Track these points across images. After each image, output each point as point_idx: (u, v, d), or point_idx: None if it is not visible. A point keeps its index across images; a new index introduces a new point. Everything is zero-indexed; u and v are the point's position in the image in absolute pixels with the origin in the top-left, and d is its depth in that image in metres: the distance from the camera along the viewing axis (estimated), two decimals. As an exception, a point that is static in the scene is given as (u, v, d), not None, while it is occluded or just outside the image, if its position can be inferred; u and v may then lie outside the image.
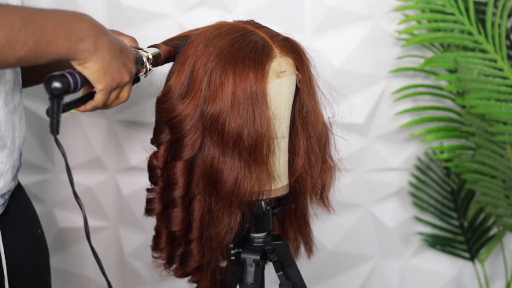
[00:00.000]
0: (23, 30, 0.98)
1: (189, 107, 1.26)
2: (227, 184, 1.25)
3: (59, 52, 1.05)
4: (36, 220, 1.46)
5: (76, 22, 1.07)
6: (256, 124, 1.23)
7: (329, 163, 1.42)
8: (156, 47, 1.37)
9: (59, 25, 1.03)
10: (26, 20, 0.98)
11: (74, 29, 1.06)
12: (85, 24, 1.09)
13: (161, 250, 1.42)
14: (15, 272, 1.32)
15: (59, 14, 1.06)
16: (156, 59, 1.34)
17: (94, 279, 2.31)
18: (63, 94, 1.09)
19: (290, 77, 1.28)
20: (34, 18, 1.00)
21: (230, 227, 1.31)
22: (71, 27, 1.05)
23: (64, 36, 1.04)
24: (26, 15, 0.99)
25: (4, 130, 1.24)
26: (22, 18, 0.98)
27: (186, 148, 1.28)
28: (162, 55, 1.35)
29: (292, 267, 1.47)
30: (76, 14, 1.09)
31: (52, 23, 1.02)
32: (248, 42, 1.25)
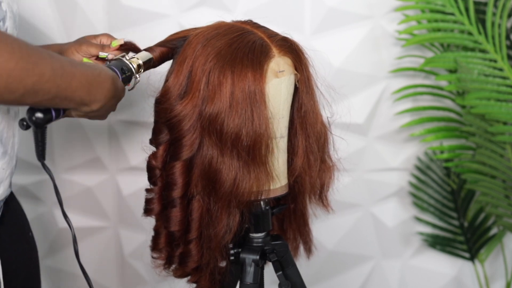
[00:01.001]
0: (50, 82, 1.01)
1: (188, 107, 1.26)
2: (226, 184, 1.26)
3: (68, 106, 1.11)
4: (27, 223, 1.47)
5: (96, 86, 1.12)
6: (255, 124, 1.23)
7: (328, 163, 1.42)
8: (150, 50, 1.39)
9: (82, 87, 1.08)
10: (56, 73, 1.02)
11: (92, 93, 1.11)
12: (104, 90, 1.14)
13: (160, 250, 1.42)
14: (10, 276, 1.33)
15: (87, 73, 1.10)
16: (147, 64, 1.38)
17: (94, 279, 2.31)
18: (45, 124, 1.13)
19: (289, 77, 1.28)
20: (63, 72, 1.04)
21: (229, 227, 1.31)
22: (90, 91, 1.11)
23: (80, 98, 1.10)
24: (57, 67, 1.02)
25: (6, 136, 1.26)
26: (53, 69, 1.01)
27: (185, 148, 1.28)
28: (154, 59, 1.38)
29: (291, 267, 1.47)
30: (101, 77, 1.14)
31: (76, 82, 1.07)
32: (247, 42, 1.26)
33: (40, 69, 0.98)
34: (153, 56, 1.39)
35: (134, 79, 1.34)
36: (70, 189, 2.21)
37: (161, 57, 1.40)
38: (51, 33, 2.04)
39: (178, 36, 1.41)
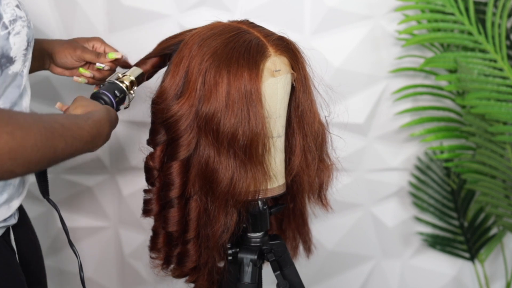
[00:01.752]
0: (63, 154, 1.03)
1: (184, 107, 1.26)
2: (223, 184, 1.26)
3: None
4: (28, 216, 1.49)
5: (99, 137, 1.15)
6: (251, 123, 1.23)
7: (327, 162, 1.42)
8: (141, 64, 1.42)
9: (85, 144, 1.10)
10: (67, 144, 1.03)
11: (95, 142, 1.14)
12: (103, 136, 1.17)
13: (159, 250, 1.43)
14: (26, 266, 1.37)
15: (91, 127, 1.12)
16: (139, 79, 1.41)
17: (94, 279, 2.31)
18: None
19: (285, 76, 1.28)
20: (74, 139, 1.05)
21: (226, 226, 1.31)
22: (94, 142, 1.13)
23: (85, 151, 1.12)
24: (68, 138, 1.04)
25: None
26: (66, 142, 1.03)
27: (182, 148, 1.28)
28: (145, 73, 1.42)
29: (289, 266, 1.47)
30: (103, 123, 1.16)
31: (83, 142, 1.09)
32: (242, 42, 1.26)
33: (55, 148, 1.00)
34: (145, 70, 1.43)
35: (128, 98, 1.38)
36: (70, 189, 2.21)
37: (153, 69, 1.43)
38: (51, 33, 2.05)
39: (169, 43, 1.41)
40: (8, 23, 1.16)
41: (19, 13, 1.19)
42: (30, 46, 1.24)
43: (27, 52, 1.23)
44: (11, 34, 1.17)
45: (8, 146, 0.89)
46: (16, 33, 1.18)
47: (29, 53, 1.24)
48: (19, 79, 1.23)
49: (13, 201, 1.27)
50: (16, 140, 0.91)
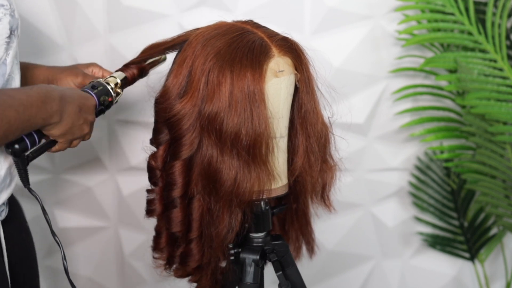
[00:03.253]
0: (17, 123, 1.08)
1: (187, 106, 1.26)
2: (226, 184, 1.26)
3: (33, 128, 1.17)
4: (23, 214, 1.50)
5: (49, 102, 1.16)
6: (254, 123, 1.23)
7: (330, 163, 1.42)
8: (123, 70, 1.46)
9: (39, 109, 1.14)
10: (19, 112, 1.08)
11: (48, 108, 1.16)
12: (55, 102, 1.18)
13: (162, 250, 1.43)
14: (15, 266, 1.36)
15: (39, 94, 1.15)
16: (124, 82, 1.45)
17: (94, 279, 2.31)
18: (23, 152, 1.20)
19: (288, 77, 1.28)
20: (25, 108, 1.10)
21: (231, 226, 1.32)
22: (46, 108, 1.15)
23: (42, 117, 1.15)
24: (19, 107, 1.08)
25: None
26: (17, 111, 1.08)
27: (184, 147, 1.28)
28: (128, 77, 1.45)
29: (291, 267, 1.47)
30: (49, 94, 1.17)
31: (35, 108, 1.13)
32: (246, 42, 1.26)
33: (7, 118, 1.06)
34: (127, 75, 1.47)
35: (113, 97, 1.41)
36: (70, 189, 2.21)
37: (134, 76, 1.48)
38: (51, 33, 2.04)
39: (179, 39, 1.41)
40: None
41: (1, 1, 1.20)
42: (14, 35, 1.24)
43: (10, 40, 1.23)
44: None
45: None
46: None
47: (12, 41, 1.24)
48: (3, 67, 1.23)
49: (1, 193, 1.27)
50: None
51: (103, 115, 1.43)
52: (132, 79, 1.48)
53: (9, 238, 1.35)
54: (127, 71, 1.46)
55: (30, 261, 1.47)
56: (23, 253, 1.43)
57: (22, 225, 1.45)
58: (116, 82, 1.43)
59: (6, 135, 1.06)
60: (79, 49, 2.06)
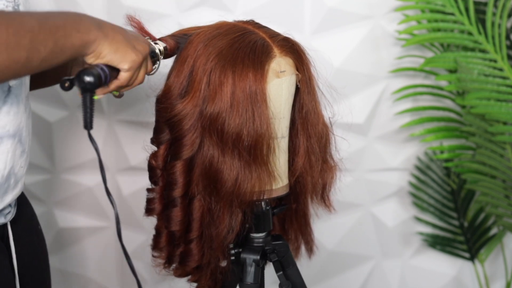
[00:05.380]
0: (42, 31, 0.99)
1: (188, 106, 1.26)
2: (227, 184, 1.26)
3: (74, 45, 1.06)
4: (35, 216, 1.48)
5: (77, 17, 1.09)
6: (256, 124, 1.23)
7: (330, 163, 1.42)
8: (163, 41, 1.37)
9: (67, 21, 1.05)
10: (41, 21, 1.00)
11: (79, 22, 1.07)
12: (85, 18, 1.11)
13: (161, 249, 1.42)
14: (23, 268, 1.35)
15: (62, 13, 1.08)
16: (164, 52, 1.35)
17: (94, 279, 2.31)
18: (95, 88, 1.10)
19: (290, 77, 1.28)
20: (47, 17, 1.02)
21: (231, 227, 1.31)
22: (76, 21, 1.07)
23: (75, 29, 1.05)
24: (39, 17, 1.01)
25: (25, 135, 1.27)
26: (38, 19, 1.00)
27: (185, 147, 1.28)
28: (168, 49, 1.36)
29: (292, 267, 1.47)
30: (74, 12, 1.11)
31: (61, 20, 1.04)
32: (248, 42, 1.26)
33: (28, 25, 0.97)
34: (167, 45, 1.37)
35: (158, 63, 1.32)
36: (70, 189, 2.21)
37: (171, 49, 1.39)
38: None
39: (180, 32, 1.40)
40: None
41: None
42: None
43: None
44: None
45: None
46: None
47: None
48: None
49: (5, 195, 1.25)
50: None
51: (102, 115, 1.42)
52: (171, 51, 1.37)
53: (19, 240, 1.34)
54: (165, 42, 1.37)
55: (40, 264, 1.45)
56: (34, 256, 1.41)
57: (33, 226, 1.44)
58: (160, 48, 1.32)
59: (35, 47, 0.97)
60: (79, 49, 2.06)
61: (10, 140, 1.22)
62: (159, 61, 1.32)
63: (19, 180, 1.28)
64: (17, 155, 1.25)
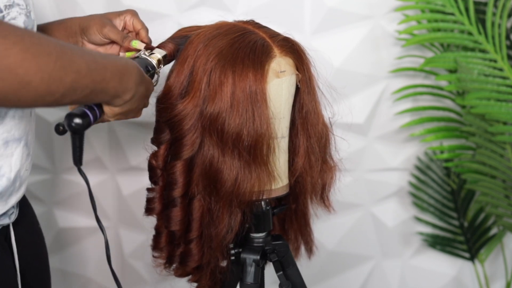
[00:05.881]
0: (87, 77, 1.00)
1: (188, 106, 1.26)
2: (227, 184, 1.26)
3: (103, 99, 1.10)
4: (35, 216, 1.48)
5: (127, 74, 1.11)
6: (256, 124, 1.23)
7: (330, 163, 1.42)
8: (162, 47, 1.38)
9: (114, 77, 1.07)
10: (90, 67, 1.01)
11: (124, 81, 1.10)
12: (132, 77, 1.13)
13: (161, 249, 1.43)
14: (25, 268, 1.35)
15: (116, 63, 1.09)
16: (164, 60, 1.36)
17: (94, 279, 2.31)
18: (84, 129, 1.12)
19: (290, 77, 1.28)
20: (97, 65, 1.03)
21: (231, 226, 1.31)
22: (122, 79, 1.10)
23: (114, 87, 1.08)
24: (90, 62, 1.01)
25: (30, 138, 1.28)
26: (88, 64, 1.00)
27: (186, 147, 1.28)
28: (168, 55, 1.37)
29: (292, 267, 1.47)
30: (129, 65, 1.13)
31: (109, 73, 1.06)
32: (248, 42, 1.26)
33: (76, 65, 0.97)
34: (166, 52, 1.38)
35: (157, 76, 1.34)
36: (70, 189, 2.21)
37: (171, 54, 1.39)
38: (51, 33, 2.04)
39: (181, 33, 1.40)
40: (3, 7, 1.15)
41: (17, 0, 1.19)
42: None
43: None
44: (5, 18, 1.16)
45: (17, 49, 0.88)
46: (12, 18, 1.17)
47: None
48: None
49: (11, 197, 1.25)
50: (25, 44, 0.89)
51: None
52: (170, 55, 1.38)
53: (20, 240, 1.34)
54: (165, 48, 1.38)
55: (41, 264, 1.46)
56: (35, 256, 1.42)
57: (34, 227, 1.44)
58: (159, 58, 1.34)
59: (74, 88, 0.98)
60: (79, 49, 2.06)
61: (16, 144, 1.22)
62: (157, 74, 1.33)
63: (23, 183, 1.29)
64: (23, 158, 1.25)
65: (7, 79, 0.87)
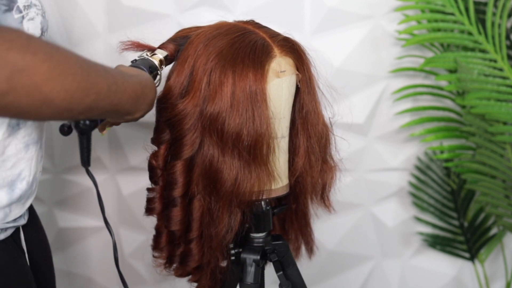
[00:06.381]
0: (106, 99, 1.01)
1: (189, 106, 1.26)
2: (227, 184, 1.26)
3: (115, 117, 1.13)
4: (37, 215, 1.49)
5: (143, 98, 1.15)
6: (256, 123, 1.23)
7: (330, 163, 1.42)
8: (163, 48, 1.39)
9: (131, 100, 1.10)
10: (111, 89, 1.02)
11: (139, 103, 1.14)
12: (147, 100, 1.17)
13: (162, 249, 1.43)
14: (35, 267, 1.37)
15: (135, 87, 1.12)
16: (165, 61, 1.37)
17: (94, 279, 2.31)
18: (91, 130, 1.14)
19: (290, 77, 1.28)
20: (117, 88, 1.04)
21: (230, 226, 1.32)
22: (137, 102, 1.13)
23: (127, 110, 1.12)
24: (111, 83, 1.02)
25: (44, 140, 1.31)
26: (109, 86, 1.01)
27: (186, 147, 1.28)
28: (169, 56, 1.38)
29: (292, 267, 1.47)
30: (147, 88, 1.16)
31: (127, 97, 1.08)
32: (248, 42, 1.26)
33: (98, 87, 0.98)
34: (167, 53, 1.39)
35: (159, 76, 1.35)
36: (70, 189, 2.21)
37: (172, 55, 1.40)
38: (51, 33, 2.04)
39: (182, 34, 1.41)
40: (23, 8, 1.17)
41: (34, 1, 1.20)
42: (44, 36, 1.24)
43: None
44: (25, 18, 1.18)
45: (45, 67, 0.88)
46: (30, 18, 1.19)
47: None
48: None
49: (28, 199, 1.28)
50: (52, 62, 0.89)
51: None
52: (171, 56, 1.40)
53: (29, 240, 1.36)
54: (165, 49, 1.40)
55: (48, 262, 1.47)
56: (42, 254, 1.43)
57: (39, 227, 1.46)
58: (160, 59, 1.36)
59: (92, 108, 0.99)
60: (79, 49, 2.06)
61: (35, 147, 1.25)
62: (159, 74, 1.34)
63: (37, 185, 1.31)
64: (38, 160, 1.28)
65: (31, 96, 0.88)
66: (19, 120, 1.20)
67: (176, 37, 1.41)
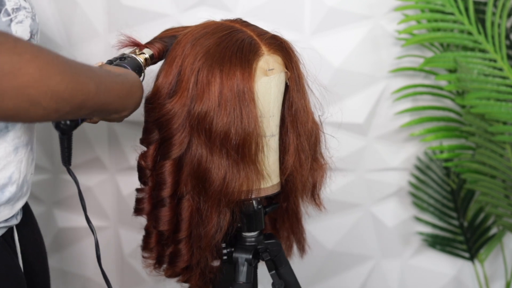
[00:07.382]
0: (94, 99, 1.01)
1: (177, 106, 1.26)
2: (215, 183, 1.26)
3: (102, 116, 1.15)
4: (33, 215, 1.50)
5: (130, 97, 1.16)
6: (244, 122, 1.23)
7: (320, 161, 1.42)
8: (149, 46, 1.39)
9: (118, 99, 1.11)
10: (99, 90, 1.02)
11: (126, 102, 1.15)
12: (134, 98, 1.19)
13: (151, 250, 1.43)
14: (28, 267, 1.38)
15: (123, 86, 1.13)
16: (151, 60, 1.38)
17: (94, 279, 2.31)
18: (72, 130, 1.15)
19: (279, 75, 1.28)
20: (105, 87, 1.05)
21: (219, 226, 1.31)
22: (125, 101, 1.14)
23: (115, 108, 1.12)
24: (99, 83, 1.03)
25: (34, 143, 1.32)
26: (97, 86, 1.02)
27: (174, 147, 1.28)
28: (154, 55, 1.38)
29: (285, 266, 1.47)
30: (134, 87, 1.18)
31: (114, 96, 1.09)
32: (235, 41, 1.26)
33: (86, 88, 0.98)
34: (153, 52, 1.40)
35: (143, 75, 1.36)
36: (70, 189, 2.22)
37: (159, 54, 1.41)
38: (51, 33, 2.05)
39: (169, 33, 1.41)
40: (11, 11, 1.17)
41: (23, 3, 1.21)
42: (34, 39, 1.24)
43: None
44: (13, 21, 1.18)
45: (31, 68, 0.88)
46: (19, 21, 1.19)
47: None
48: None
49: (18, 201, 1.28)
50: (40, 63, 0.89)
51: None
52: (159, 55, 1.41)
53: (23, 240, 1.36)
54: (153, 47, 1.41)
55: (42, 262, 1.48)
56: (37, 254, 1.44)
57: (34, 227, 1.46)
58: (146, 57, 1.37)
59: (80, 108, 0.98)
60: (79, 49, 2.07)
61: (24, 149, 1.25)
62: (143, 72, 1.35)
63: (29, 187, 1.31)
64: (29, 163, 1.27)
65: (18, 98, 0.87)
66: (7, 123, 1.20)
67: (163, 36, 1.41)
